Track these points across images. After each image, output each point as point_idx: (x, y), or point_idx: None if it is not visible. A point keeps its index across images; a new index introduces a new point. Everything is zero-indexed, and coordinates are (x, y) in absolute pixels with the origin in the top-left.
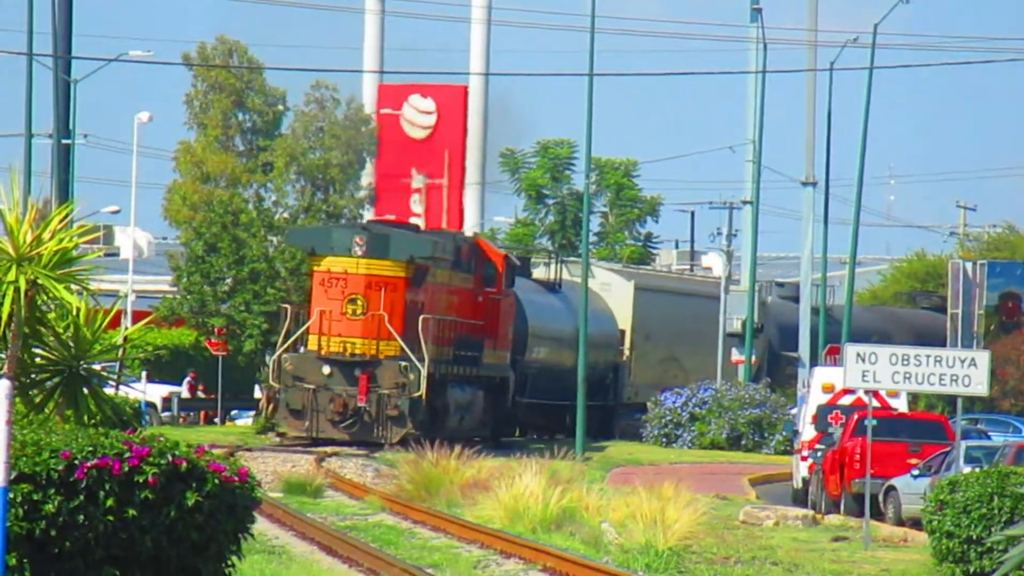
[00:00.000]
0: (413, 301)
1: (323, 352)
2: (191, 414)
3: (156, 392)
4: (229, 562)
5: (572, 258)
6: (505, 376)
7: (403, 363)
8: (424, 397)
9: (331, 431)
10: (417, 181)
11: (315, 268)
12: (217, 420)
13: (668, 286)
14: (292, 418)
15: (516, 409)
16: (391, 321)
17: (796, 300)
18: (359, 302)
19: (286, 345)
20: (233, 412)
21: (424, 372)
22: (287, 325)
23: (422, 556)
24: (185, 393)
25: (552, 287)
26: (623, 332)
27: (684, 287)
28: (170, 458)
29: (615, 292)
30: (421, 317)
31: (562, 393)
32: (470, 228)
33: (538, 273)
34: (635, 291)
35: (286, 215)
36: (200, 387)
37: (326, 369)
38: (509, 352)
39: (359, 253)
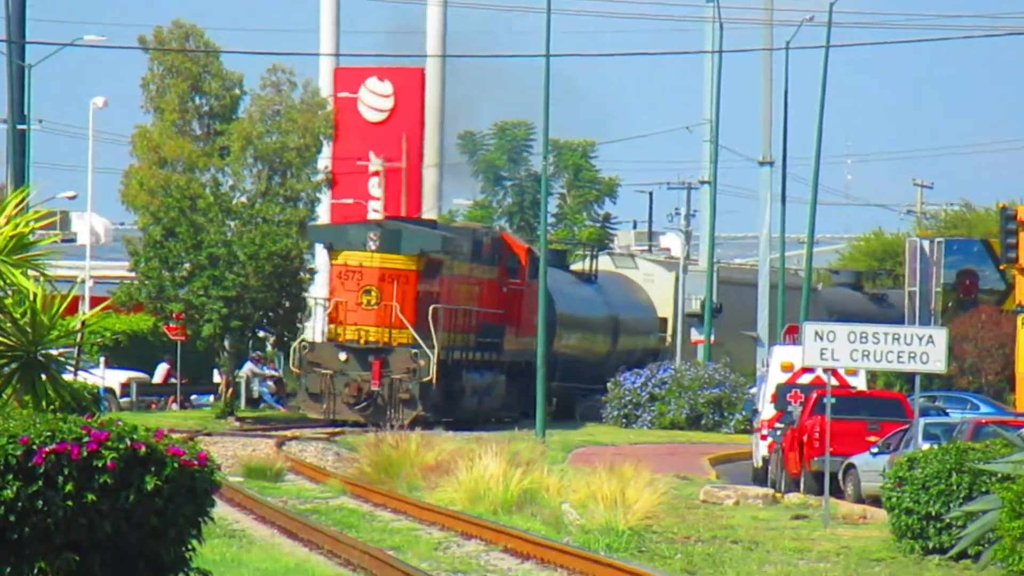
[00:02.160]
0: (426, 292)
1: (340, 340)
2: (161, 399)
3: (115, 378)
4: (189, 546)
5: (618, 252)
6: (531, 361)
7: (414, 350)
8: (434, 381)
9: (347, 413)
10: (375, 164)
11: (333, 262)
12: (175, 405)
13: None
14: (311, 401)
15: (546, 391)
16: (403, 311)
17: (853, 287)
18: (373, 293)
19: (305, 332)
20: (192, 396)
21: (434, 358)
22: (304, 314)
23: (383, 539)
24: (158, 379)
25: (588, 278)
26: (664, 320)
27: (727, 276)
28: (129, 442)
29: (658, 283)
30: (432, 306)
31: (594, 377)
32: (428, 211)
33: (585, 266)
34: (675, 280)
35: (243, 199)
36: (176, 375)
37: (342, 356)
38: (534, 339)
39: (373, 248)
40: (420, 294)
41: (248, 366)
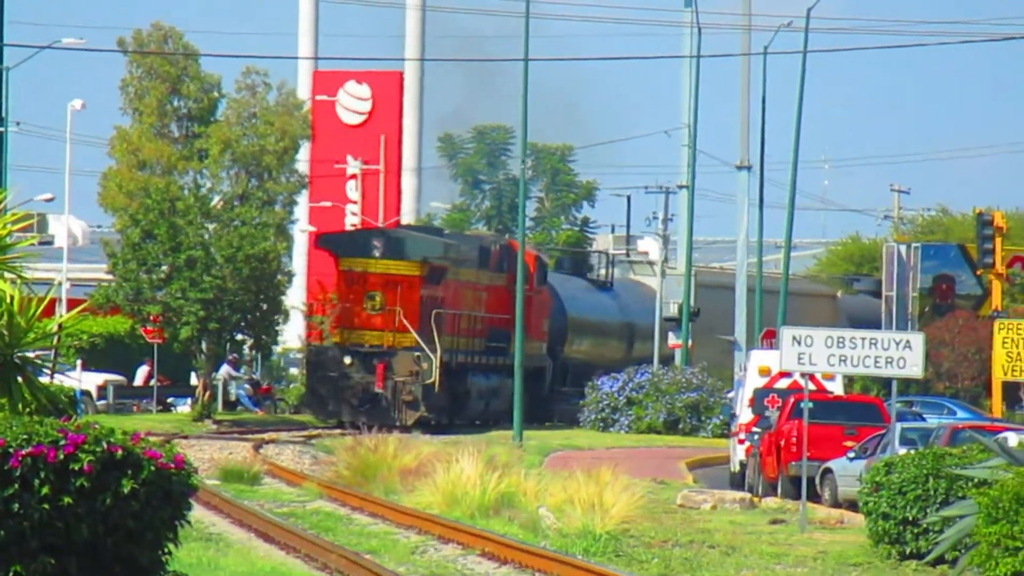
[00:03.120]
0: (430, 297)
1: (345, 343)
2: (143, 402)
3: (92, 380)
4: (166, 549)
5: (638, 259)
6: (540, 366)
7: (416, 353)
8: (436, 384)
9: (352, 414)
10: (353, 167)
11: (340, 268)
12: (152, 408)
13: (729, 283)
14: (317, 403)
15: (555, 396)
16: (406, 315)
17: (874, 294)
18: (377, 298)
19: (310, 337)
20: (169, 399)
21: (436, 361)
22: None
23: (360, 542)
24: (139, 382)
25: (603, 285)
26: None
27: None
28: (105, 445)
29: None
30: (434, 311)
31: None
32: (407, 214)
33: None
34: (696, 288)
35: (221, 202)
36: (159, 377)
37: (347, 359)
38: (544, 343)
39: (377, 254)
40: (423, 299)
41: (225, 368)
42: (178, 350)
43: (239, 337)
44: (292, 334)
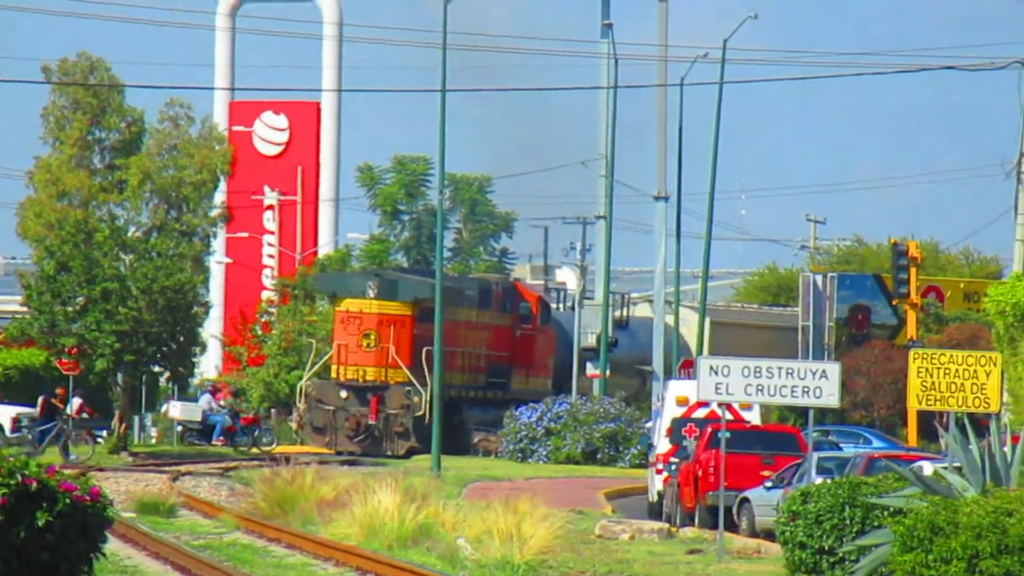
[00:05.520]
0: (422, 335)
1: (341, 379)
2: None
3: (6, 413)
4: None
5: (647, 294)
6: (541, 400)
7: (407, 388)
8: (426, 416)
9: (347, 444)
10: (270, 198)
11: (336, 309)
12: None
13: (744, 320)
14: (315, 434)
15: None
16: (398, 352)
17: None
18: (372, 336)
19: (310, 373)
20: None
21: (426, 396)
22: (311, 357)
23: (277, 574)
24: (71, 414)
25: (619, 324)
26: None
27: (760, 320)
28: (20, 478)
29: (692, 327)
30: (425, 348)
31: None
32: (324, 245)
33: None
34: (711, 325)
35: (139, 234)
36: (87, 409)
37: (343, 393)
38: (548, 379)
39: (372, 295)
40: (416, 337)
41: (205, 398)
42: (94, 382)
43: (155, 369)
44: (209, 364)
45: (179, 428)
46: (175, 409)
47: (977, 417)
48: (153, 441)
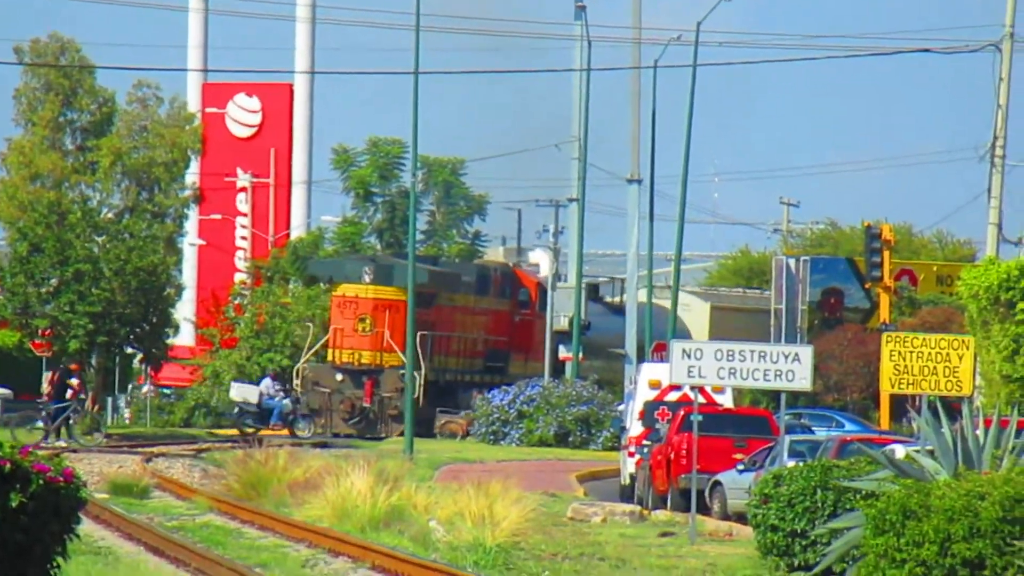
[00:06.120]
0: (417, 320)
1: (337, 362)
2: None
3: None
4: (55, 564)
5: (658, 284)
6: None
7: (402, 371)
8: (421, 399)
9: (342, 427)
10: (243, 180)
11: (333, 293)
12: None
13: (745, 306)
14: (311, 416)
15: None
16: (392, 336)
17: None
18: (367, 321)
19: (307, 356)
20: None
21: (420, 379)
22: (309, 340)
23: (250, 556)
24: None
25: (618, 308)
26: None
27: (762, 305)
28: None
29: (694, 312)
30: (420, 333)
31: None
32: (297, 227)
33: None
34: (711, 310)
35: (111, 215)
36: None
37: (339, 376)
38: (545, 364)
39: (367, 280)
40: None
41: (266, 382)
42: (66, 364)
43: (128, 350)
44: (182, 347)
45: (235, 410)
46: (234, 390)
47: (949, 400)
48: (127, 422)
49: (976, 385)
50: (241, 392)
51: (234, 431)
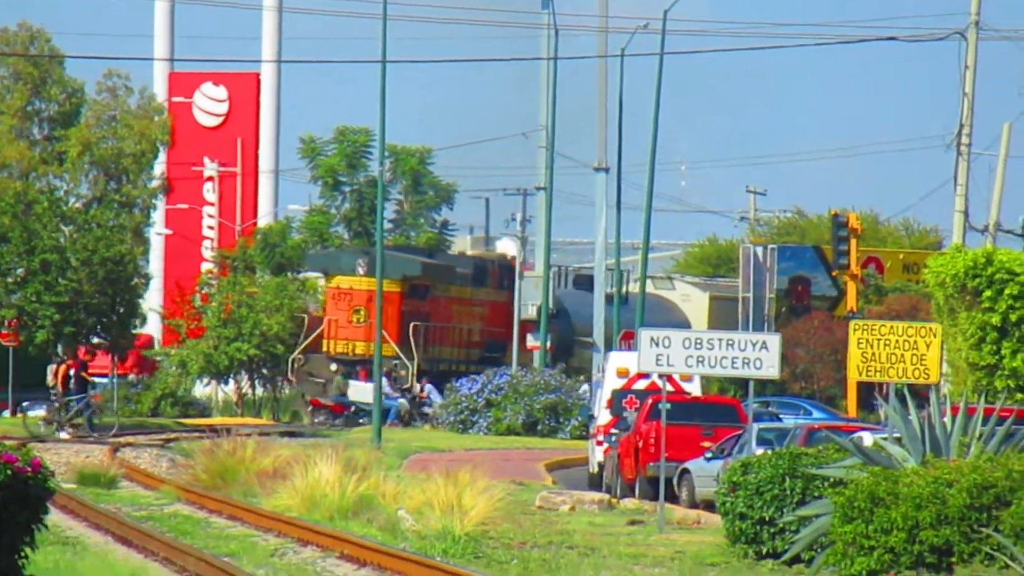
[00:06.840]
0: (410, 311)
1: (332, 352)
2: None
3: None
4: (22, 554)
5: (659, 275)
6: None
7: (395, 362)
8: (412, 388)
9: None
10: (210, 169)
11: (328, 285)
12: (7, 412)
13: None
14: (306, 406)
15: None
16: (386, 327)
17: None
18: (362, 312)
19: (302, 346)
20: (25, 403)
21: (413, 369)
22: (304, 330)
23: (219, 545)
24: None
25: (609, 299)
26: None
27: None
28: None
29: (694, 302)
30: (413, 323)
31: None
32: (264, 217)
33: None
34: (710, 300)
35: (78, 205)
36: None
37: (333, 366)
38: (513, 351)
39: (361, 272)
40: (403, 313)
41: (384, 382)
42: (34, 354)
43: (96, 340)
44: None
45: (351, 409)
46: (352, 390)
47: (917, 388)
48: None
49: (943, 373)
50: (358, 393)
51: (203, 421)
